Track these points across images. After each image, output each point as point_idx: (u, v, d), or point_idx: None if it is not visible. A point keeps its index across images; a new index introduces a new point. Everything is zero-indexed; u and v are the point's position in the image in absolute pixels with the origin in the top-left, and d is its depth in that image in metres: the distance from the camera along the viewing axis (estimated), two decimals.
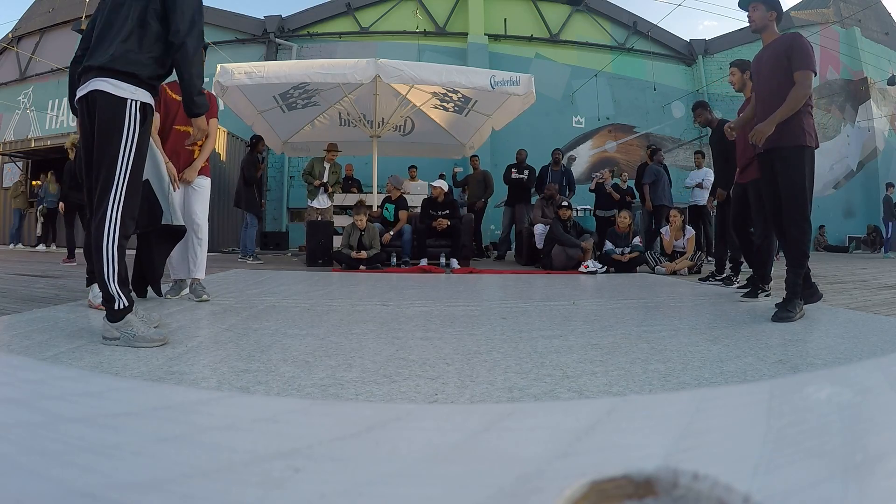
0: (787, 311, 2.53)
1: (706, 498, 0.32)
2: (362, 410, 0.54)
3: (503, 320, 2.53)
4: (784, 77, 2.64)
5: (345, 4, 12.82)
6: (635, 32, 13.34)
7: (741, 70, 3.47)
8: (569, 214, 6.18)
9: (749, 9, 2.80)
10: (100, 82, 1.95)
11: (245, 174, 6.95)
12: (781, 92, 2.63)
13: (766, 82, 2.76)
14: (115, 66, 1.96)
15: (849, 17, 14.11)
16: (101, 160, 1.93)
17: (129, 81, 1.98)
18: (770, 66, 2.74)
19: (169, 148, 3.07)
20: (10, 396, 0.48)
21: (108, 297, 1.90)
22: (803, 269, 2.67)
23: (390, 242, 6.18)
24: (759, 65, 2.86)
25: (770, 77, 2.73)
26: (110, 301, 1.90)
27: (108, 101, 1.95)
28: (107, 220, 1.91)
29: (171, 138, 3.11)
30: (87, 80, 1.98)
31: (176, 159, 3.07)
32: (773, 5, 2.77)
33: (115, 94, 1.95)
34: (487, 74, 6.58)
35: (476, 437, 0.39)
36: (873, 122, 14.17)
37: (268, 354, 1.76)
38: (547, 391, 1.39)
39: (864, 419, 0.42)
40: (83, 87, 2.00)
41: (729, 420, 0.41)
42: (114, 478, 0.34)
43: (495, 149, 11.13)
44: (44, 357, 1.64)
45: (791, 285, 2.64)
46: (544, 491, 0.32)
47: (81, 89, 2.01)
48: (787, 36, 2.76)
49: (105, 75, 1.95)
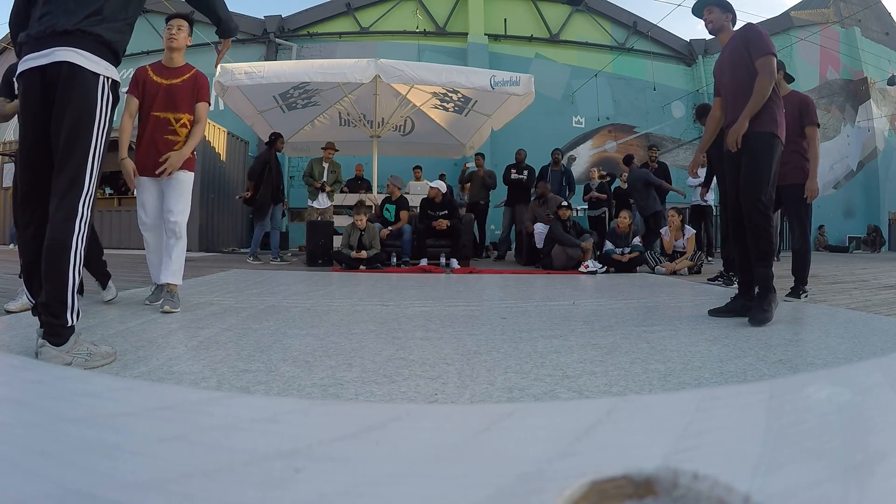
0: (764, 311, 2.44)
1: (706, 498, 0.32)
2: (362, 410, 0.54)
3: (503, 320, 2.53)
4: (746, 71, 2.61)
5: (345, 4, 12.82)
6: (635, 32, 13.34)
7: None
8: (568, 214, 6.18)
9: (704, 12, 2.81)
10: (69, 53, 1.63)
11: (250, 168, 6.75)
12: (747, 86, 2.59)
13: (730, 80, 2.72)
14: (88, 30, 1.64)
15: (849, 17, 14.11)
16: (70, 148, 1.63)
17: (101, 54, 1.68)
18: (731, 63, 2.71)
19: (147, 137, 2.76)
20: (10, 396, 0.48)
21: (61, 312, 1.57)
22: (771, 261, 2.59)
23: (390, 242, 6.18)
24: (720, 66, 2.82)
25: (733, 75, 2.70)
26: (62, 316, 1.57)
27: (80, 77, 1.64)
28: (77, 217, 1.61)
29: (150, 126, 2.76)
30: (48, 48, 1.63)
31: (154, 149, 2.73)
32: (727, 7, 2.79)
33: (88, 68, 1.65)
34: (487, 74, 6.59)
35: (476, 437, 0.39)
36: (873, 122, 14.17)
37: (268, 354, 1.76)
38: (547, 391, 1.39)
39: (864, 419, 0.42)
40: (41, 54, 1.63)
41: (729, 420, 0.41)
42: (114, 478, 0.34)
43: (495, 149, 11.14)
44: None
45: (762, 279, 2.53)
46: (544, 491, 0.32)
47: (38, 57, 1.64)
48: (740, 29, 2.75)
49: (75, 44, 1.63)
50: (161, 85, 2.74)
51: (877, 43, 14.74)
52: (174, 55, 2.79)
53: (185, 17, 2.82)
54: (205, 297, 3.21)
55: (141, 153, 2.79)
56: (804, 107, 3.38)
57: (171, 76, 2.76)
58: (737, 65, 2.67)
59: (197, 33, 3.01)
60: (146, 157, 2.76)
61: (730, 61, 2.73)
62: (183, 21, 2.80)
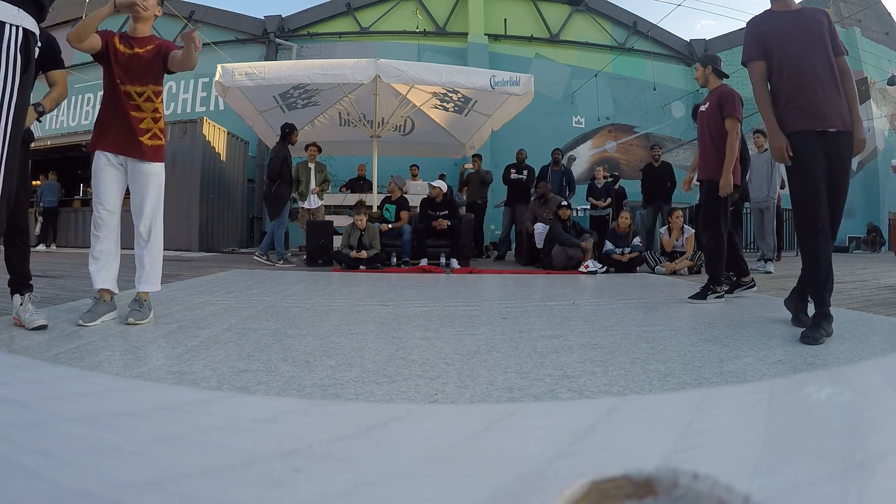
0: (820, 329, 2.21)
1: (706, 498, 0.32)
2: (362, 410, 0.54)
3: (503, 320, 2.53)
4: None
5: (345, 4, 12.81)
6: (635, 32, 13.34)
7: (703, 65, 3.46)
8: (569, 214, 6.19)
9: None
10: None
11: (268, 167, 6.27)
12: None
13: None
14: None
15: (849, 17, 14.10)
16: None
17: None
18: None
19: (110, 109, 2.43)
20: (10, 396, 0.48)
21: None
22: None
23: (390, 242, 6.18)
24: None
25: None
26: None
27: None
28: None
29: (115, 98, 2.41)
30: None
31: (120, 125, 2.40)
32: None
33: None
34: (487, 74, 6.59)
35: (476, 437, 0.39)
36: (873, 122, 14.16)
37: (268, 354, 1.76)
38: (547, 391, 1.39)
39: (864, 419, 0.42)
40: None
41: (729, 420, 0.41)
42: (114, 478, 0.34)
43: (495, 149, 11.13)
44: (44, 357, 1.64)
45: None
46: (544, 491, 0.32)
47: None
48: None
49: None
50: (124, 54, 2.43)
51: (877, 43, 14.74)
52: (139, 26, 2.49)
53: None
54: (205, 297, 3.21)
55: (103, 123, 2.45)
56: (723, 100, 3.39)
57: (136, 45, 2.46)
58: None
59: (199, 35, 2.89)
60: (110, 129, 2.42)
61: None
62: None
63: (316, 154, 6.99)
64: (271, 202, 6.28)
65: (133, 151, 2.42)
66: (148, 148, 2.44)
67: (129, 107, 2.41)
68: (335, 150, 8.88)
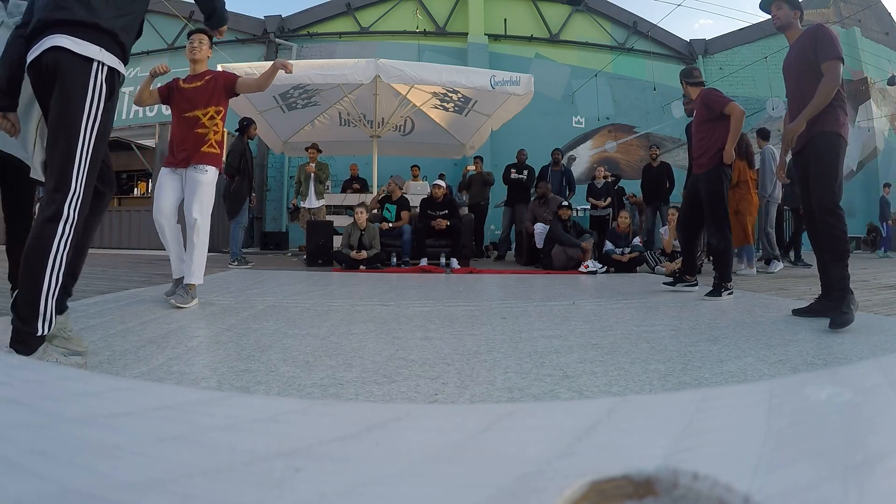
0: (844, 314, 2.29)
1: (706, 498, 0.32)
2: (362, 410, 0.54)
3: (503, 320, 2.53)
4: (811, 73, 2.58)
5: (345, 4, 12.82)
6: (635, 32, 13.34)
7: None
8: (569, 214, 6.19)
9: (773, 8, 2.78)
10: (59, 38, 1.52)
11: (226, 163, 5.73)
12: (811, 88, 2.56)
13: (795, 81, 2.70)
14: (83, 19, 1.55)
15: (849, 17, 14.11)
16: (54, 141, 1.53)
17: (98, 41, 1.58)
18: (797, 62, 2.69)
19: (179, 134, 2.98)
20: (10, 396, 0.48)
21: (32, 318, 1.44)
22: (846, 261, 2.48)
23: (390, 242, 6.18)
24: (787, 64, 2.79)
25: (798, 75, 2.67)
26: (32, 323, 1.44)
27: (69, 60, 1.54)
28: (62, 219, 1.49)
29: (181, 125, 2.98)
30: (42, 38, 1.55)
31: (185, 144, 2.94)
32: (796, 4, 2.77)
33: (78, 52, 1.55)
34: (487, 74, 6.59)
35: (476, 437, 0.39)
36: (873, 122, 14.16)
37: (268, 354, 1.76)
38: (547, 391, 1.39)
39: (864, 419, 0.42)
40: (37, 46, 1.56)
41: (729, 420, 0.41)
42: (114, 478, 0.34)
43: (495, 149, 11.14)
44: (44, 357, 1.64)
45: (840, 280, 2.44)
46: (544, 491, 0.32)
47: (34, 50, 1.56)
48: (809, 29, 2.70)
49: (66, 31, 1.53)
50: (186, 89, 3.04)
51: (877, 43, 14.74)
52: (197, 66, 3.12)
53: (205, 32, 3.10)
54: (205, 297, 3.21)
55: (173, 146, 3.01)
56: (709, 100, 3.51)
57: (195, 80, 3.08)
58: (803, 64, 2.64)
59: None
60: (178, 149, 2.97)
61: (796, 61, 2.70)
62: (203, 36, 3.11)
63: (316, 155, 7.02)
64: (230, 200, 5.99)
65: (192, 159, 2.92)
66: (204, 154, 2.93)
67: (197, 125, 2.96)
68: (335, 150, 8.88)
